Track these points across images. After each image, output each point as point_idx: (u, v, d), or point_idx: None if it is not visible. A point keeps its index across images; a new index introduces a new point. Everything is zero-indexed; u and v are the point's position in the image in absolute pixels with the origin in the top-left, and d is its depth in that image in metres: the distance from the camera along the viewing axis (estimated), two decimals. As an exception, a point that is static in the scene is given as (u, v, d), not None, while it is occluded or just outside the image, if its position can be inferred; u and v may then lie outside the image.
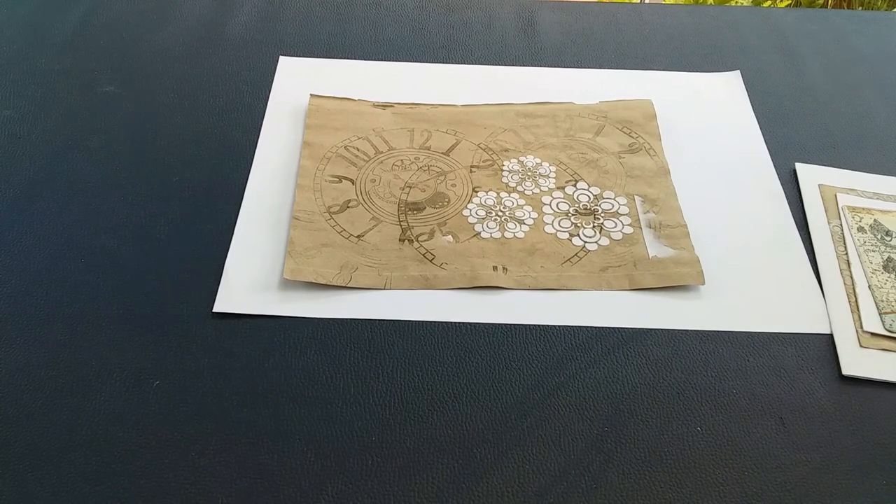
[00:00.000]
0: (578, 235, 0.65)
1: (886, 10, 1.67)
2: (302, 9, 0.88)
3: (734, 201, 0.68)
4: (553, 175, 0.69)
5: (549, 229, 0.65)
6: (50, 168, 0.69)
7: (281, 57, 0.81)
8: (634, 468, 0.50)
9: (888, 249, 0.64)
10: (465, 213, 0.66)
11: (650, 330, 0.58)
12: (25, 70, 0.78)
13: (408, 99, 0.77)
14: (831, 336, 0.58)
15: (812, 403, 0.54)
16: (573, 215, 0.66)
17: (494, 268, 0.62)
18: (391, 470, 0.50)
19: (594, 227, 0.65)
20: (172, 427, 0.51)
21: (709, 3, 1.72)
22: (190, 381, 0.54)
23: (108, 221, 0.64)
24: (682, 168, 0.71)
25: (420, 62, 0.82)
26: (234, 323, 0.58)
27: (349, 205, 0.66)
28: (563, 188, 0.68)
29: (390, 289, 0.60)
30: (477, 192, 0.68)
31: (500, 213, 0.66)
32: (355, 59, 0.81)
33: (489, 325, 0.58)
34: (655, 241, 0.64)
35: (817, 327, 0.59)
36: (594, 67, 0.82)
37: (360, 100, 0.76)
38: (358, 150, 0.71)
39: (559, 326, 0.58)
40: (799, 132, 0.75)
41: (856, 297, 0.61)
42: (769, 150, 0.73)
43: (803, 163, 0.72)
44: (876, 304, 0.60)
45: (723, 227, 0.66)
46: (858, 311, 0.60)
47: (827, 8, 1.86)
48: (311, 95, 0.76)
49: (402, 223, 0.65)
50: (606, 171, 0.70)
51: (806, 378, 0.56)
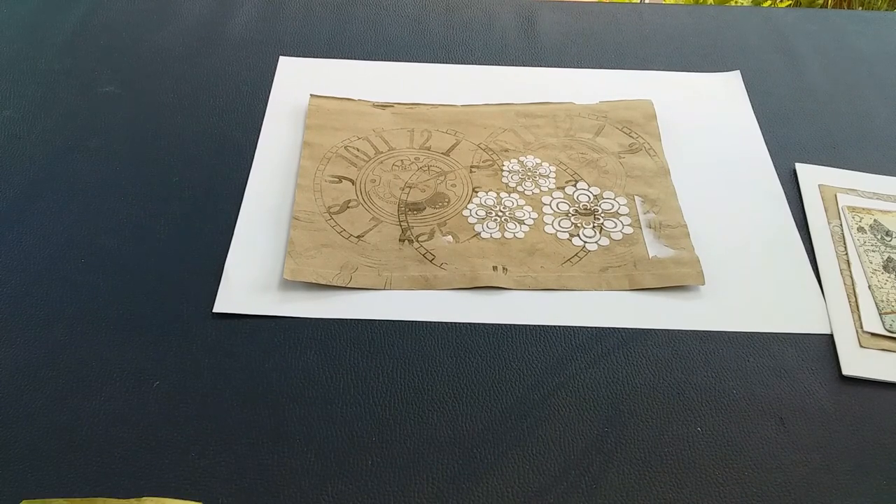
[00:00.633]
0: (578, 235, 0.65)
1: (886, 10, 1.67)
2: (302, 9, 0.88)
3: (734, 201, 0.68)
4: (553, 175, 0.69)
5: (549, 229, 0.65)
6: (50, 168, 0.69)
7: (281, 57, 0.81)
8: (634, 468, 0.50)
9: (888, 249, 0.64)
10: (465, 213, 0.66)
11: (650, 330, 0.58)
12: (25, 70, 0.78)
13: (408, 99, 0.76)
14: (831, 336, 0.58)
15: (812, 403, 0.54)
16: (573, 215, 0.66)
17: (494, 268, 0.62)
18: (391, 470, 0.50)
19: (594, 227, 0.65)
20: (172, 427, 0.51)
21: (709, 3, 1.72)
22: (190, 381, 0.54)
23: (108, 221, 0.64)
24: (682, 168, 0.71)
25: (420, 62, 0.82)
26: (234, 323, 0.58)
27: (349, 205, 0.66)
28: (563, 188, 0.68)
29: (390, 289, 0.60)
30: (477, 192, 0.68)
31: (500, 214, 0.66)
32: (355, 59, 0.81)
33: (489, 325, 0.58)
34: (655, 242, 0.64)
35: (817, 327, 0.59)
36: (594, 67, 0.82)
37: (360, 100, 0.76)
38: (358, 150, 0.71)
39: (559, 326, 0.58)
40: (799, 132, 0.75)
41: (856, 297, 0.61)
42: (769, 150, 0.73)
43: (803, 163, 0.72)
44: (876, 304, 0.60)
45: (723, 227, 0.66)
46: (858, 311, 0.60)
47: (827, 8, 1.86)
48: (311, 95, 0.76)
49: (402, 223, 0.65)
50: (606, 171, 0.70)
51: (806, 378, 0.56)
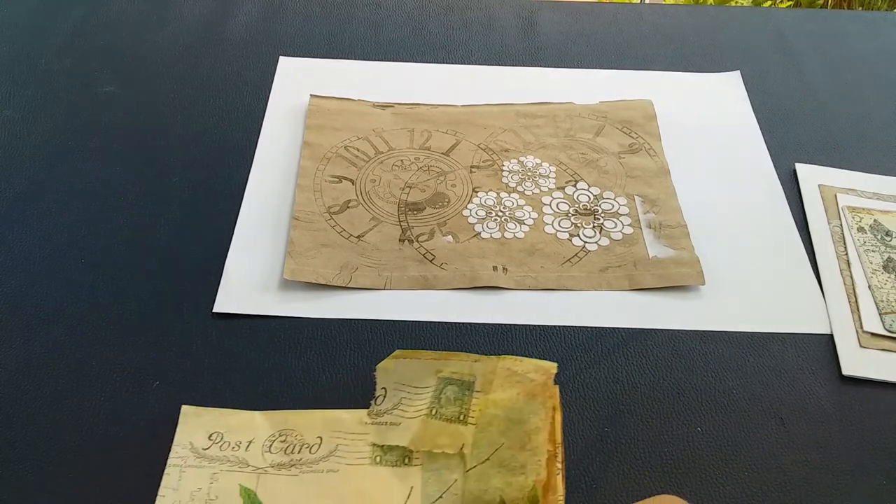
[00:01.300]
0: (578, 235, 0.65)
1: (886, 10, 1.67)
2: (302, 9, 0.88)
3: (734, 201, 0.68)
4: (553, 175, 0.69)
5: (549, 229, 0.65)
6: (50, 168, 0.69)
7: (281, 57, 0.81)
8: (634, 468, 0.50)
9: (888, 249, 0.64)
10: (465, 213, 0.66)
11: (650, 330, 0.58)
12: (25, 70, 0.78)
13: (408, 99, 0.76)
14: (831, 336, 0.58)
15: (812, 403, 0.54)
16: (573, 215, 0.66)
17: (494, 268, 0.62)
18: (391, 470, 0.50)
19: (594, 227, 0.65)
20: (172, 427, 0.51)
21: (709, 3, 1.72)
22: (190, 381, 0.54)
23: (109, 221, 0.64)
24: (682, 168, 0.71)
25: (420, 62, 0.82)
26: (234, 323, 0.58)
27: (349, 205, 0.66)
28: (563, 188, 0.68)
29: (390, 289, 0.60)
30: (477, 192, 0.68)
31: (500, 214, 0.66)
32: (355, 59, 0.81)
33: (489, 325, 0.58)
34: (655, 242, 0.64)
35: (817, 327, 0.59)
36: (594, 67, 0.82)
37: (360, 100, 0.76)
38: (358, 150, 0.71)
39: (559, 326, 0.58)
40: (799, 132, 0.75)
41: (856, 297, 0.61)
42: (769, 150, 0.73)
43: (803, 163, 0.72)
44: (876, 304, 0.60)
45: (723, 227, 0.66)
46: (858, 311, 0.60)
47: (827, 8, 1.86)
48: (311, 95, 0.76)
49: (402, 223, 0.65)
50: (606, 172, 0.70)
51: (806, 378, 0.56)
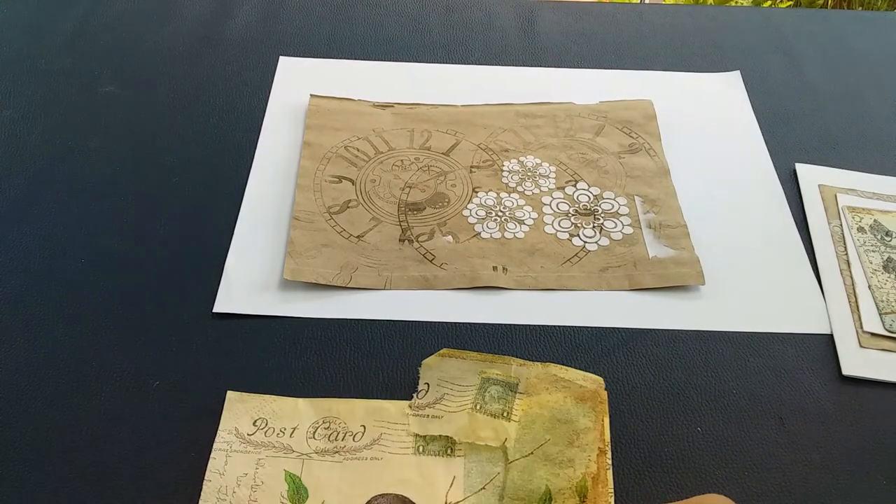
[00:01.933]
0: (578, 236, 0.65)
1: (886, 10, 1.67)
2: (302, 9, 0.88)
3: (734, 201, 0.68)
4: (553, 175, 0.69)
5: (549, 229, 0.65)
6: (50, 168, 0.69)
7: (281, 57, 0.81)
8: (634, 468, 0.50)
9: (888, 249, 0.64)
10: (465, 213, 0.66)
11: (650, 330, 0.58)
12: (25, 70, 0.78)
13: (408, 99, 0.76)
14: (831, 336, 0.58)
15: (812, 403, 0.54)
16: (573, 215, 0.66)
17: (494, 268, 0.62)
18: (391, 470, 0.50)
19: (594, 227, 0.65)
20: (172, 427, 0.51)
21: (709, 3, 1.72)
22: (190, 381, 0.54)
23: (109, 221, 0.64)
24: (682, 168, 0.71)
25: (420, 62, 0.82)
26: (234, 323, 0.58)
27: (349, 205, 0.66)
28: (563, 188, 0.68)
29: (390, 289, 0.60)
30: (477, 192, 0.68)
31: (500, 214, 0.66)
32: (355, 59, 0.81)
33: (489, 325, 0.58)
34: (655, 242, 0.64)
35: (817, 327, 0.59)
36: (594, 67, 0.82)
37: (360, 100, 0.76)
38: (358, 150, 0.71)
39: (559, 326, 0.58)
40: (799, 132, 0.75)
41: (856, 297, 0.60)
42: (769, 150, 0.73)
43: (803, 163, 0.72)
44: (876, 304, 0.60)
45: (723, 227, 0.66)
46: (858, 311, 0.59)
47: (827, 8, 1.86)
48: (311, 95, 0.76)
49: (402, 223, 0.65)
50: (606, 172, 0.70)
51: (806, 378, 0.56)
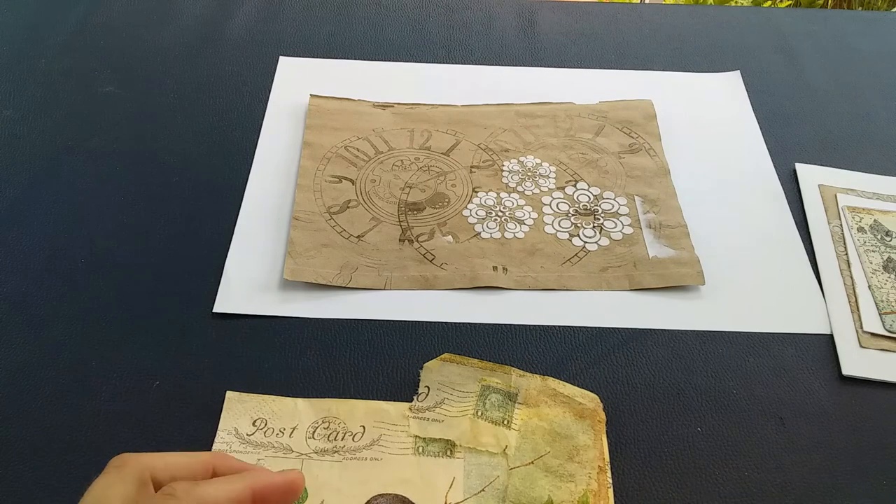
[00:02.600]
0: (578, 236, 0.65)
1: (886, 10, 1.67)
2: (302, 9, 0.88)
3: (734, 201, 0.68)
4: (553, 175, 0.69)
5: (549, 229, 0.65)
6: (50, 168, 0.69)
7: (281, 57, 0.81)
8: (634, 468, 0.50)
9: (888, 249, 0.64)
10: (465, 213, 0.66)
11: (650, 330, 0.58)
12: (25, 70, 0.78)
13: (408, 99, 0.76)
14: (831, 336, 0.58)
15: (812, 403, 0.54)
16: (573, 215, 0.66)
17: (494, 268, 0.62)
18: (391, 470, 0.50)
19: (594, 227, 0.65)
20: (172, 427, 0.51)
21: (709, 3, 1.72)
22: (190, 381, 0.54)
23: (108, 221, 0.64)
24: (682, 168, 0.71)
25: (420, 62, 0.82)
26: (234, 323, 0.58)
27: (349, 205, 0.66)
28: (563, 188, 0.68)
29: (390, 289, 0.60)
30: (477, 192, 0.68)
31: (500, 214, 0.66)
32: (355, 59, 0.81)
33: (489, 325, 0.58)
34: (655, 242, 0.64)
35: (817, 327, 0.59)
36: (594, 67, 0.82)
37: (360, 100, 0.76)
38: (358, 150, 0.71)
39: (559, 326, 0.58)
40: (799, 132, 0.75)
41: (856, 297, 0.60)
42: (769, 150, 0.73)
43: (803, 163, 0.72)
44: (876, 304, 0.60)
45: (723, 227, 0.66)
46: (858, 311, 0.60)
47: (827, 8, 1.86)
48: (311, 95, 0.76)
49: (402, 223, 0.65)
50: (606, 172, 0.70)
51: (806, 378, 0.56)
